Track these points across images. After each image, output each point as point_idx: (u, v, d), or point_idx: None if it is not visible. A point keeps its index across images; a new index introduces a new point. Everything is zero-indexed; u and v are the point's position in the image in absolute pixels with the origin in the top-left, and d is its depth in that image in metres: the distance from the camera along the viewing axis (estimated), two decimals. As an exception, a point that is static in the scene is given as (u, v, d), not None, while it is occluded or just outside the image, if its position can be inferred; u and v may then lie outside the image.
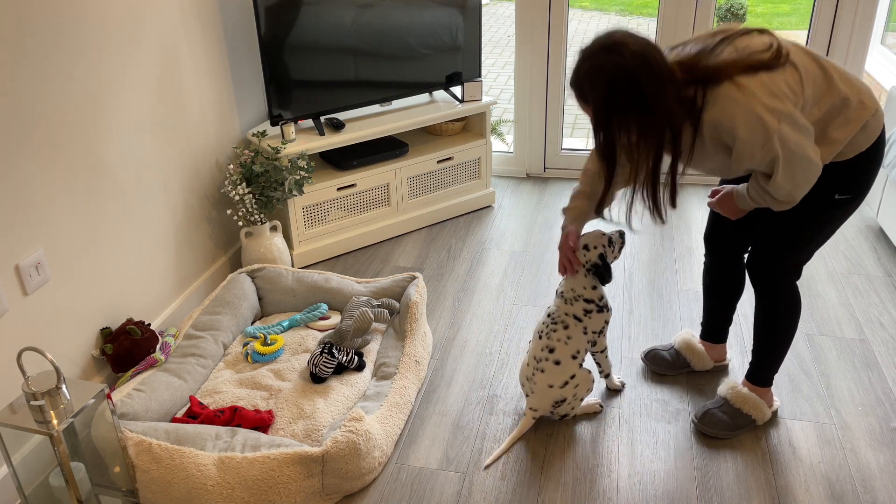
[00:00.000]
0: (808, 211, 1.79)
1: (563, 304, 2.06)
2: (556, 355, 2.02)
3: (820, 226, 1.83)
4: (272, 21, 2.74)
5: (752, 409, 2.05)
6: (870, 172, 1.77)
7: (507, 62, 7.01)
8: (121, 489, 1.85)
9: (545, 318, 2.08)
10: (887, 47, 4.99)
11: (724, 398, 2.09)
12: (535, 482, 1.93)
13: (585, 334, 2.05)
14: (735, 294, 2.19)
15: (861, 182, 1.77)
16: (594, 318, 2.05)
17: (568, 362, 2.03)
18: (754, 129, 1.59)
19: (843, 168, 1.74)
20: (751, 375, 2.08)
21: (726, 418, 2.05)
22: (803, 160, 1.62)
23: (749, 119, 1.58)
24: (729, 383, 2.11)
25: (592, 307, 2.04)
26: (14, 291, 1.88)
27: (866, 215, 3.31)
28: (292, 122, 2.88)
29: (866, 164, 1.75)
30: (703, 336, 2.31)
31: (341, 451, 1.82)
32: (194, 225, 2.68)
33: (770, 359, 2.03)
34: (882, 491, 1.87)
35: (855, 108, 1.68)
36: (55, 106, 1.97)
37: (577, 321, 2.04)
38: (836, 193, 1.77)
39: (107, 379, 2.25)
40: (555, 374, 2.03)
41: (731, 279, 2.16)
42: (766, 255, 1.91)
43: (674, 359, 2.31)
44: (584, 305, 2.04)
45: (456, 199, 3.39)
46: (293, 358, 2.30)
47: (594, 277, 2.03)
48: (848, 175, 1.75)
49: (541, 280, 2.88)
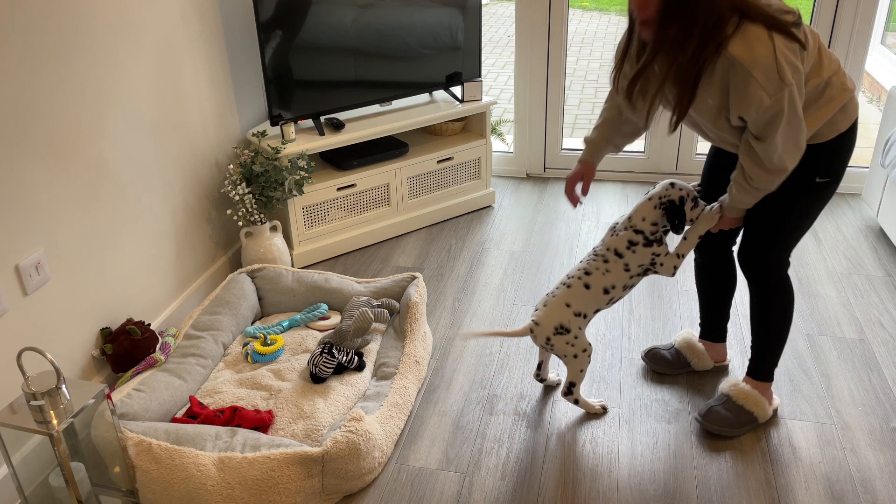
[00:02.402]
0: (790, 197, 1.85)
1: (611, 237, 2.02)
2: (590, 279, 2.00)
3: (803, 211, 1.88)
4: (272, 21, 2.74)
5: (755, 405, 2.06)
6: (847, 154, 1.83)
7: (507, 62, 7.02)
8: (121, 489, 1.85)
9: (588, 253, 2.07)
10: (887, 47, 4.98)
11: (726, 395, 2.10)
12: (535, 482, 1.93)
13: (627, 271, 2.00)
14: (728, 289, 2.21)
15: (839, 164, 1.83)
16: (639, 253, 1.98)
17: (598, 293, 2.00)
18: (770, 76, 1.60)
19: (822, 150, 1.80)
20: (751, 370, 2.10)
21: (729, 415, 2.06)
22: (801, 124, 1.67)
23: (769, 65, 1.59)
24: (731, 380, 2.12)
25: (640, 239, 1.98)
26: (14, 291, 1.88)
27: (866, 215, 3.31)
28: (292, 122, 2.88)
29: (844, 146, 1.81)
30: (703, 335, 2.32)
31: (341, 451, 1.82)
32: (194, 225, 2.68)
33: (769, 351, 2.05)
34: (882, 491, 1.87)
35: (837, 88, 1.76)
36: (55, 106, 1.97)
37: (617, 256, 2.00)
38: (817, 177, 1.83)
39: (107, 379, 2.25)
40: (578, 297, 2.00)
41: (723, 273, 2.18)
42: (754, 246, 1.95)
43: (674, 358, 2.31)
44: (631, 236, 1.98)
45: (456, 199, 3.39)
46: (293, 358, 2.30)
47: (662, 215, 1.97)
48: (828, 157, 1.81)
49: (541, 280, 2.88)
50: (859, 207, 3.39)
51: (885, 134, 3.05)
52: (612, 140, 2.04)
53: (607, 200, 3.55)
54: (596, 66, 6.80)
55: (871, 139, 4.50)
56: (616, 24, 8.66)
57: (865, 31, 3.24)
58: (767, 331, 2.03)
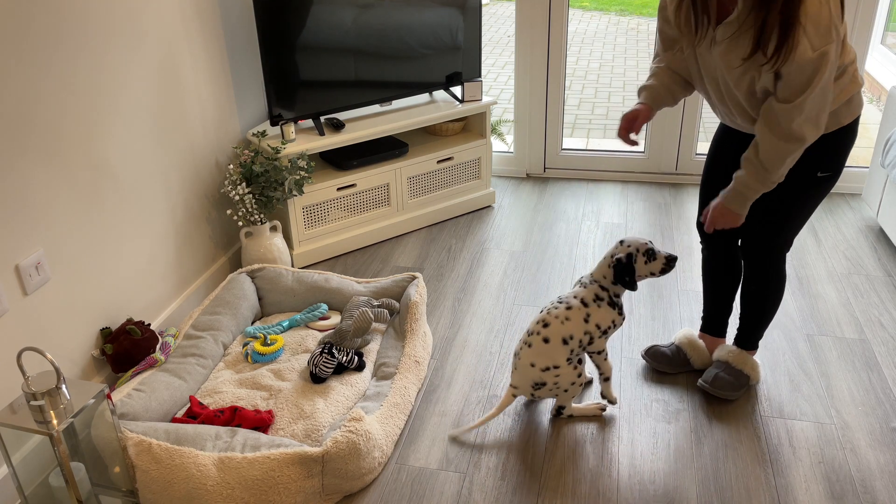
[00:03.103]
0: (792, 191, 1.91)
1: (578, 288, 2.04)
2: (548, 331, 2.00)
3: (804, 205, 1.95)
4: (272, 21, 2.74)
5: (751, 369, 2.21)
6: (847, 149, 1.88)
7: (507, 62, 7.02)
8: (121, 489, 1.85)
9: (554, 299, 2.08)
10: (887, 47, 4.98)
11: (725, 361, 2.22)
12: (535, 482, 1.93)
13: (586, 323, 2.01)
14: (735, 281, 2.25)
15: (840, 159, 1.88)
16: (602, 310, 2.01)
17: (557, 345, 1.99)
18: (819, 30, 1.60)
19: (823, 144, 1.84)
20: (741, 342, 2.24)
21: (731, 379, 2.19)
22: (829, 95, 1.69)
23: (820, 19, 1.60)
24: (726, 348, 2.25)
25: (605, 296, 2.01)
26: (14, 291, 1.88)
27: (866, 215, 3.31)
28: (292, 122, 2.88)
29: (845, 140, 1.86)
30: (704, 329, 2.35)
31: (341, 451, 1.82)
32: (194, 225, 2.68)
33: (761, 326, 2.20)
34: (882, 491, 1.87)
35: (850, 78, 1.80)
36: (55, 106, 1.97)
37: (582, 305, 2.01)
38: (819, 171, 1.88)
39: (107, 379, 2.25)
40: (540, 353, 2.00)
41: (729, 266, 2.22)
42: (760, 240, 2.04)
43: (674, 355, 2.33)
44: (598, 291, 2.01)
45: (456, 199, 3.39)
46: (293, 358, 2.30)
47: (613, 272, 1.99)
48: (830, 150, 1.86)
49: (541, 280, 2.88)
50: (859, 207, 3.39)
51: (885, 134, 3.05)
52: (671, 88, 1.99)
53: (607, 200, 3.55)
54: (596, 66, 6.80)
55: (871, 139, 4.50)
56: (616, 24, 8.66)
57: (865, 31, 3.24)
58: (761, 311, 2.16)
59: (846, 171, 3.51)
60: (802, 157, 1.83)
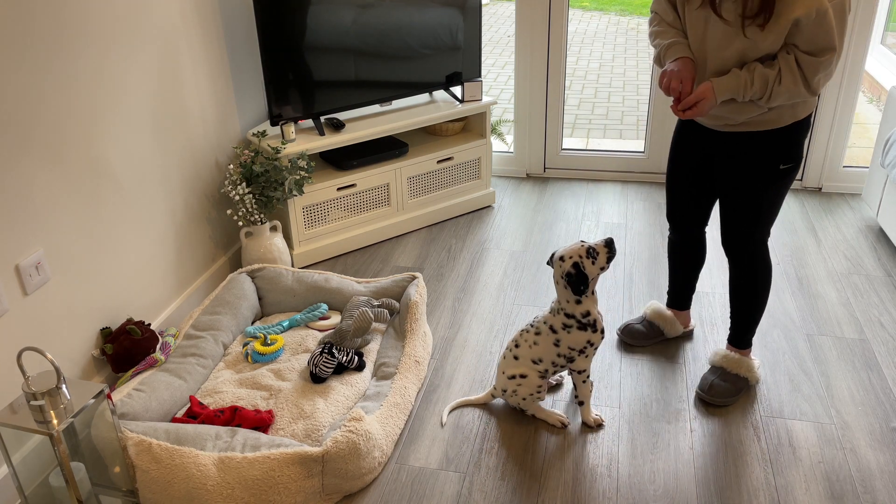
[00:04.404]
0: (760, 187, 1.99)
1: (549, 313, 2.05)
2: (518, 351, 2.09)
3: (773, 197, 2.02)
4: (272, 21, 2.74)
5: (747, 371, 2.21)
6: (803, 140, 1.97)
7: (507, 62, 7.02)
8: (121, 489, 1.85)
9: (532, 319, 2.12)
10: (887, 47, 4.98)
11: (719, 367, 2.24)
12: (535, 482, 1.93)
13: (557, 346, 2.02)
14: (698, 264, 2.39)
15: (798, 150, 1.97)
16: (573, 335, 2.00)
17: (526, 363, 2.07)
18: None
19: (781, 136, 1.93)
20: (735, 341, 2.25)
21: (728, 385, 2.19)
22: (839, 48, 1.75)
23: None
24: (719, 352, 2.27)
25: (573, 323, 1.99)
26: (14, 291, 1.88)
27: (866, 215, 3.31)
28: (292, 122, 2.88)
29: (801, 133, 1.95)
30: (670, 304, 2.49)
31: (341, 451, 1.82)
32: (194, 225, 2.69)
33: (752, 323, 2.22)
34: (882, 491, 1.87)
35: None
36: (55, 106, 1.97)
37: (550, 332, 2.02)
38: (781, 164, 1.96)
39: (107, 379, 2.25)
40: (509, 365, 2.10)
41: (694, 251, 2.35)
42: (739, 235, 2.09)
43: (647, 329, 2.46)
44: (564, 320, 2.00)
45: (456, 199, 3.39)
46: (293, 358, 2.30)
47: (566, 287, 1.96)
48: (788, 143, 1.94)
49: (541, 280, 2.88)
50: (859, 207, 3.39)
51: (885, 134, 3.05)
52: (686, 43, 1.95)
53: (607, 200, 3.55)
54: (596, 66, 6.80)
55: (871, 139, 4.50)
56: (616, 24, 8.66)
57: (865, 31, 3.24)
58: (751, 306, 2.18)
59: (846, 172, 3.52)
60: (764, 153, 1.94)
